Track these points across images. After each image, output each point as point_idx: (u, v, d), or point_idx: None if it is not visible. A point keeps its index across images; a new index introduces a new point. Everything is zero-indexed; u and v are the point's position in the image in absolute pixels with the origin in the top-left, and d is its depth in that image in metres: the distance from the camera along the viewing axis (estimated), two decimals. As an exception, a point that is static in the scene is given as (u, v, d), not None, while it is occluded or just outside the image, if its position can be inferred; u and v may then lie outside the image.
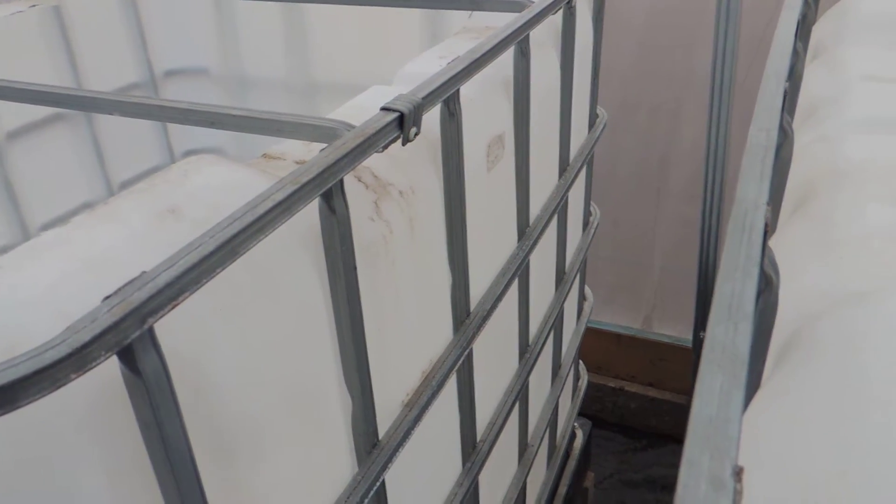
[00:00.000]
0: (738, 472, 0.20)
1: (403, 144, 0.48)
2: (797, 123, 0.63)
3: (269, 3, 1.24)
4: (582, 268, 1.17)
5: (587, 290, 1.31)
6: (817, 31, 0.77)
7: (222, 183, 0.44)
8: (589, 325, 1.44)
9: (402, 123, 0.47)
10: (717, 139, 1.34)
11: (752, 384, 0.36)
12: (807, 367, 0.30)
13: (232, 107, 0.52)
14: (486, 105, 0.69)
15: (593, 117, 1.07)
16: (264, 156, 0.54)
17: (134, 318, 0.29)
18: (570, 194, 0.99)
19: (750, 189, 0.33)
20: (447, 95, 0.55)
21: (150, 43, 1.30)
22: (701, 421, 0.22)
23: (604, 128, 1.09)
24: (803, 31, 0.77)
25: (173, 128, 1.37)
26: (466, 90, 0.66)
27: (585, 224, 1.17)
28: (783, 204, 0.52)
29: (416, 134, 0.49)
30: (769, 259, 0.33)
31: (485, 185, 0.69)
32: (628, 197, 1.76)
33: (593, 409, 1.95)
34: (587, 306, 1.30)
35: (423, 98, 0.49)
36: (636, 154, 1.66)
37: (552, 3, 0.71)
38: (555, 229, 0.96)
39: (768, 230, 0.32)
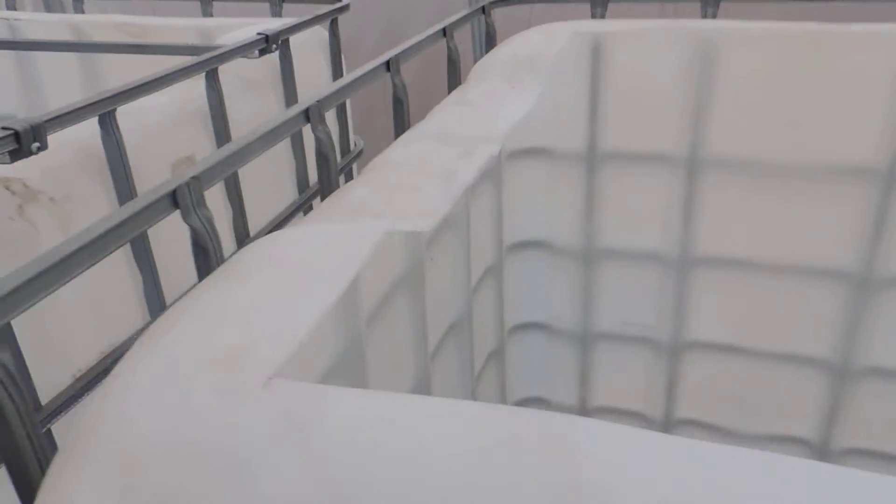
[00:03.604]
0: None
1: (27, 156, 0.60)
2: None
3: (68, 54, 1.35)
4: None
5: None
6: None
7: None
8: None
9: (20, 139, 0.59)
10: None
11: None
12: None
13: None
14: (171, 130, 0.82)
15: (346, 146, 1.22)
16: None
17: None
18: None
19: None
20: (101, 114, 0.68)
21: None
22: None
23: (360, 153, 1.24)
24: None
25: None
26: (155, 117, 0.79)
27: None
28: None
29: (40, 148, 0.61)
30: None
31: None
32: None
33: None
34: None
35: (46, 121, 0.61)
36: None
37: (233, 50, 0.85)
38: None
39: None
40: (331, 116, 1.17)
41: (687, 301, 1.11)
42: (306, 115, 0.57)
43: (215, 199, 0.85)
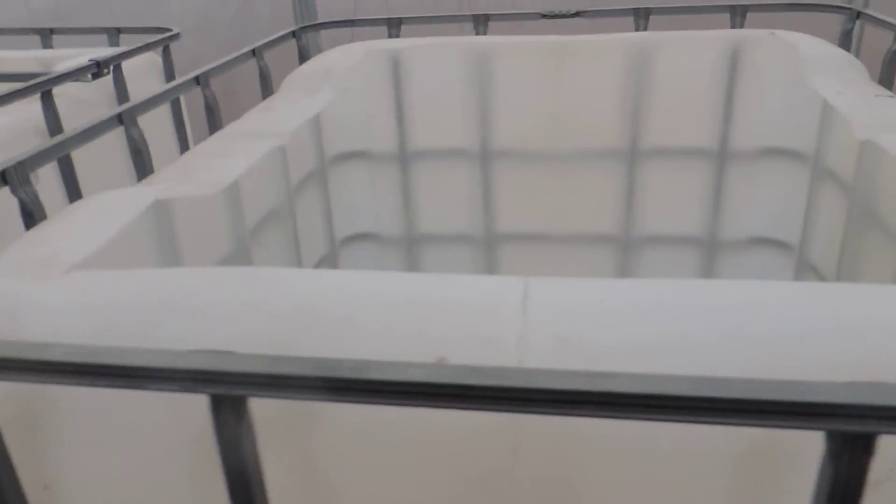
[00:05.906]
0: None
1: None
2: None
3: None
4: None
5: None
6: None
7: None
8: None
9: None
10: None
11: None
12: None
13: None
14: (14, 145, 0.93)
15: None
16: None
17: None
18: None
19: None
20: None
21: None
22: None
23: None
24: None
25: None
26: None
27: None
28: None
29: None
30: None
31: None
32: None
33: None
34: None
35: None
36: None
37: (63, 75, 0.98)
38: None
39: None
40: (171, 134, 1.30)
41: (496, 274, 1.32)
42: (122, 120, 0.72)
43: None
